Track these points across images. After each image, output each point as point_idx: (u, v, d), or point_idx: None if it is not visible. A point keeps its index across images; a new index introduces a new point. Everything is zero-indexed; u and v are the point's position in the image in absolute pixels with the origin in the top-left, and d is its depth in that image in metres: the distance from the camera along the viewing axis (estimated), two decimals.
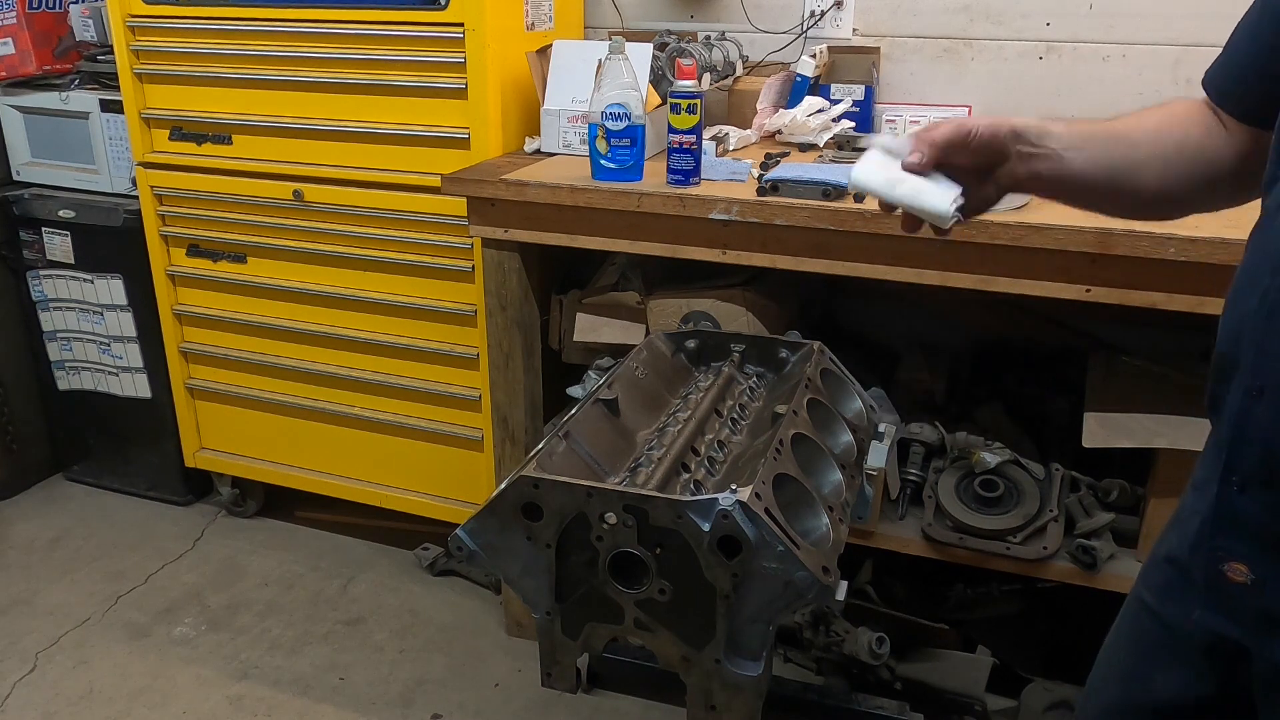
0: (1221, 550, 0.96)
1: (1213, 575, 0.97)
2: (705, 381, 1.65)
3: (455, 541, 1.25)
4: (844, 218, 1.75)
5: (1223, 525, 0.96)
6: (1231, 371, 0.95)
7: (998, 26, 2.31)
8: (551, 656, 1.30)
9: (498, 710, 2.19)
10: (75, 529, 2.87)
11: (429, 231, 2.31)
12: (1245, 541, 0.94)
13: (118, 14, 2.41)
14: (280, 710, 2.20)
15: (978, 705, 2.06)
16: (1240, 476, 0.94)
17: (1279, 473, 0.90)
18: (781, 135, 2.22)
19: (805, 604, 1.16)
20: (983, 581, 2.20)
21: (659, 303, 2.10)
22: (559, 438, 1.33)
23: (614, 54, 1.86)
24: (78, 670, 2.32)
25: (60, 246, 2.78)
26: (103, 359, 2.87)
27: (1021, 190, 1.10)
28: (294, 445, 2.68)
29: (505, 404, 2.19)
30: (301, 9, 2.25)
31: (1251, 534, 0.94)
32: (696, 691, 1.23)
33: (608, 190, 1.89)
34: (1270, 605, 0.91)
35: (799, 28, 2.44)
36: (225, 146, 2.47)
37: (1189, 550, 1.02)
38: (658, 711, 2.13)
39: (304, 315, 2.55)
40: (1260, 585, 0.93)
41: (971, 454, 1.98)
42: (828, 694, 2.05)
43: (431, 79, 2.19)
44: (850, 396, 1.62)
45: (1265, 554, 0.93)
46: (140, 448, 2.95)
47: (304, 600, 2.55)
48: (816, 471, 1.37)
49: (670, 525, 1.15)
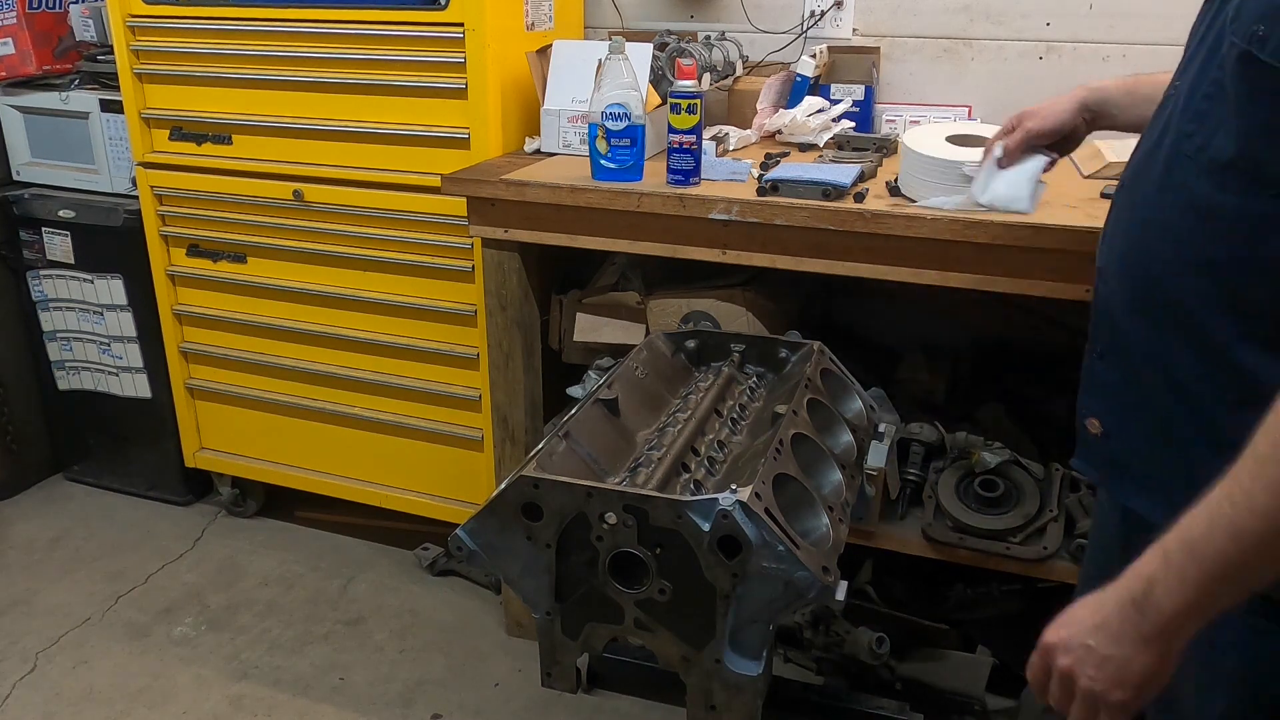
0: (1084, 408, 1.18)
1: (1081, 430, 1.19)
2: (705, 382, 1.65)
3: (455, 541, 1.25)
4: (844, 218, 1.75)
5: (1086, 387, 1.19)
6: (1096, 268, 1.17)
7: (998, 26, 2.31)
8: (551, 656, 1.30)
9: (498, 710, 2.19)
10: (75, 529, 2.87)
11: (429, 231, 2.31)
12: (1099, 399, 1.16)
13: (118, 14, 2.41)
14: (280, 710, 2.20)
15: (978, 705, 2.06)
16: (1099, 346, 1.15)
17: (1116, 337, 1.11)
18: (781, 135, 2.22)
19: (805, 604, 1.16)
20: (983, 581, 2.20)
21: (659, 303, 2.10)
22: (559, 438, 1.33)
23: (614, 54, 1.86)
24: (78, 670, 2.32)
25: (60, 246, 2.78)
26: (103, 359, 2.87)
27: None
28: (294, 445, 2.68)
29: (505, 404, 2.19)
30: (301, 9, 2.25)
31: (1102, 392, 1.15)
32: (696, 691, 1.23)
33: (608, 190, 1.89)
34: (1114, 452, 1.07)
35: (799, 28, 2.44)
36: (225, 146, 2.47)
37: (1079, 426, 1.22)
38: (658, 711, 2.13)
39: (304, 315, 2.55)
40: (1108, 436, 1.14)
41: (971, 454, 1.98)
42: (828, 694, 2.05)
43: (431, 79, 2.19)
44: (850, 396, 1.62)
45: (1112, 409, 1.14)
46: (140, 448, 2.95)
47: (304, 600, 2.55)
48: (816, 471, 1.37)
49: (670, 525, 1.15)
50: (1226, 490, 0.83)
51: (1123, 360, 1.11)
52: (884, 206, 1.75)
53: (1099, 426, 1.15)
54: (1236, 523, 0.81)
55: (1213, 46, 0.97)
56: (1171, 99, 1.05)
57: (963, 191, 1.69)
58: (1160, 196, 1.03)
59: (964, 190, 1.68)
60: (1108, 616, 0.90)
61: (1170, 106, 1.04)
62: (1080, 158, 2.06)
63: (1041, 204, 1.75)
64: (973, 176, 1.66)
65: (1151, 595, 0.86)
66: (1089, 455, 1.19)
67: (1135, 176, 1.09)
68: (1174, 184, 1.00)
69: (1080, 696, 0.92)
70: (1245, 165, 0.92)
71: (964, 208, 1.69)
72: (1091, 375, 1.17)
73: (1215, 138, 0.95)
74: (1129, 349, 1.09)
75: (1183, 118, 1.00)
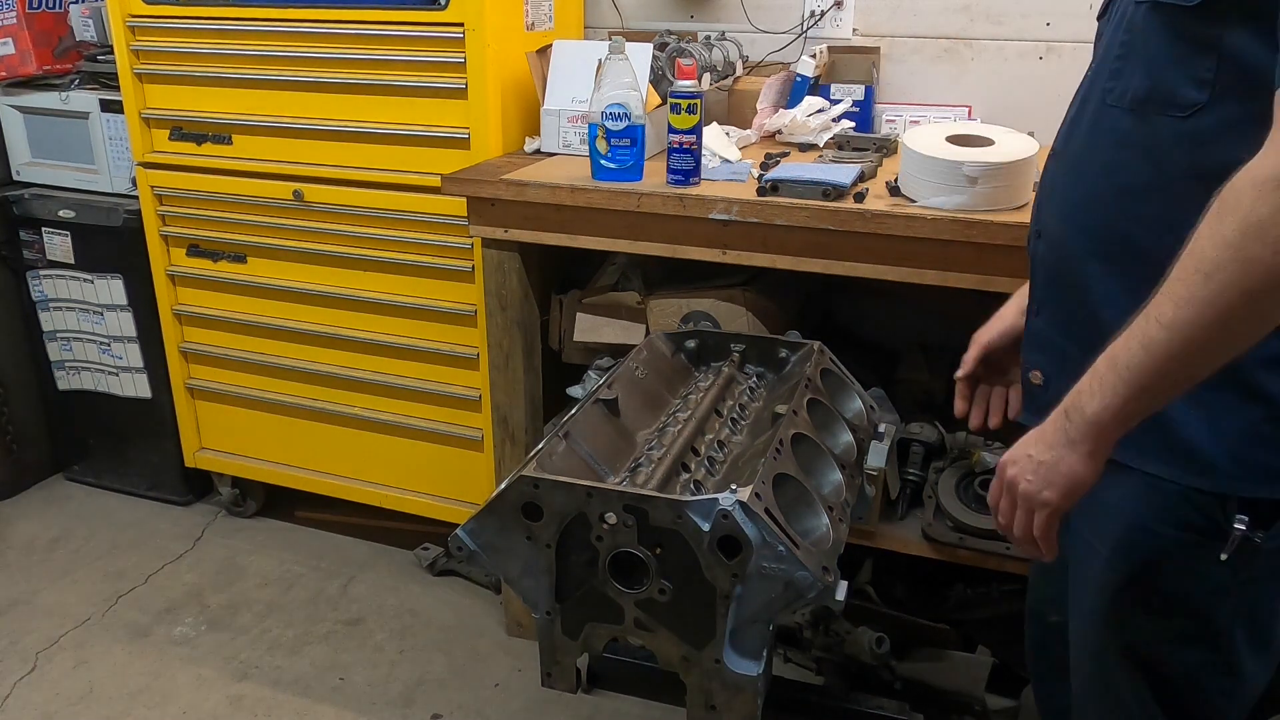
0: (1029, 363, 1.29)
1: (1026, 384, 1.29)
2: (705, 381, 1.66)
3: (455, 541, 1.25)
4: (844, 218, 1.75)
5: (1029, 343, 1.30)
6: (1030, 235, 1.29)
7: (998, 26, 2.31)
8: (551, 656, 1.30)
9: (498, 710, 2.19)
10: (75, 529, 2.87)
11: (429, 231, 2.31)
12: (1038, 352, 1.27)
13: (118, 14, 2.42)
14: (280, 710, 2.20)
15: (978, 705, 2.06)
16: (1036, 302, 1.27)
17: (1053, 289, 1.23)
18: (781, 135, 2.22)
19: (805, 604, 1.16)
20: (983, 581, 2.20)
21: (659, 303, 2.10)
22: (559, 438, 1.34)
23: (614, 54, 1.86)
24: (78, 670, 2.32)
25: (60, 246, 2.78)
26: (103, 359, 2.87)
27: None
28: (294, 445, 2.68)
29: (505, 404, 2.19)
30: (301, 9, 2.25)
31: (1043, 345, 1.26)
32: (696, 691, 1.23)
33: (608, 190, 1.89)
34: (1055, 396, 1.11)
35: (799, 28, 2.44)
36: (225, 146, 2.47)
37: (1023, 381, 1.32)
38: (658, 711, 2.13)
39: (304, 315, 2.55)
40: (1048, 383, 1.24)
41: (971, 454, 1.98)
42: (828, 694, 2.05)
43: (431, 79, 2.19)
44: (850, 396, 1.62)
45: (1050, 359, 1.24)
46: (140, 448, 2.95)
47: (304, 600, 2.55)
48: (816, 471, 1.37)
49: (670, 525, 1.15)
50: (1144, 309, 0.97)
51: (1059, 309, 1.23)
52: (884, 206, 1.75)
53: (1040, 376, 1.26)
54: (1149, 334, 0.95)
55: (1118, 22, 1.14)
56: (1087, 79, 1.22)
57: (963, 191, 1.69)
58: (1092, 145, 1.16)
59: (964, 190, 1.69)
60: (1044, 429, 1.07)
61: (1087, 84, 1.22)
62: None
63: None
64: (974, 177, 1.65)
65: (1078, 403, 1.03)
66: (1033, 405, 1.27)
67: (1065, 143, 1.22)
68: (1103, 130, 1.15)
69: (1019, 499, 1.10)
70: (1160, 94, 1.07)
71: (964, 208, 1.69)
72: (1031, 333, 1.29)
73: (1132, 82, 1.10)
74: (1065, 297, 1.21)
75: (1104, 79, 1.15)
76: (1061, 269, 1.21)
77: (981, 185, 1.69)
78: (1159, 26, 1.07)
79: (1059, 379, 1.18)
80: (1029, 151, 1.74)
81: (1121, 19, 1.14)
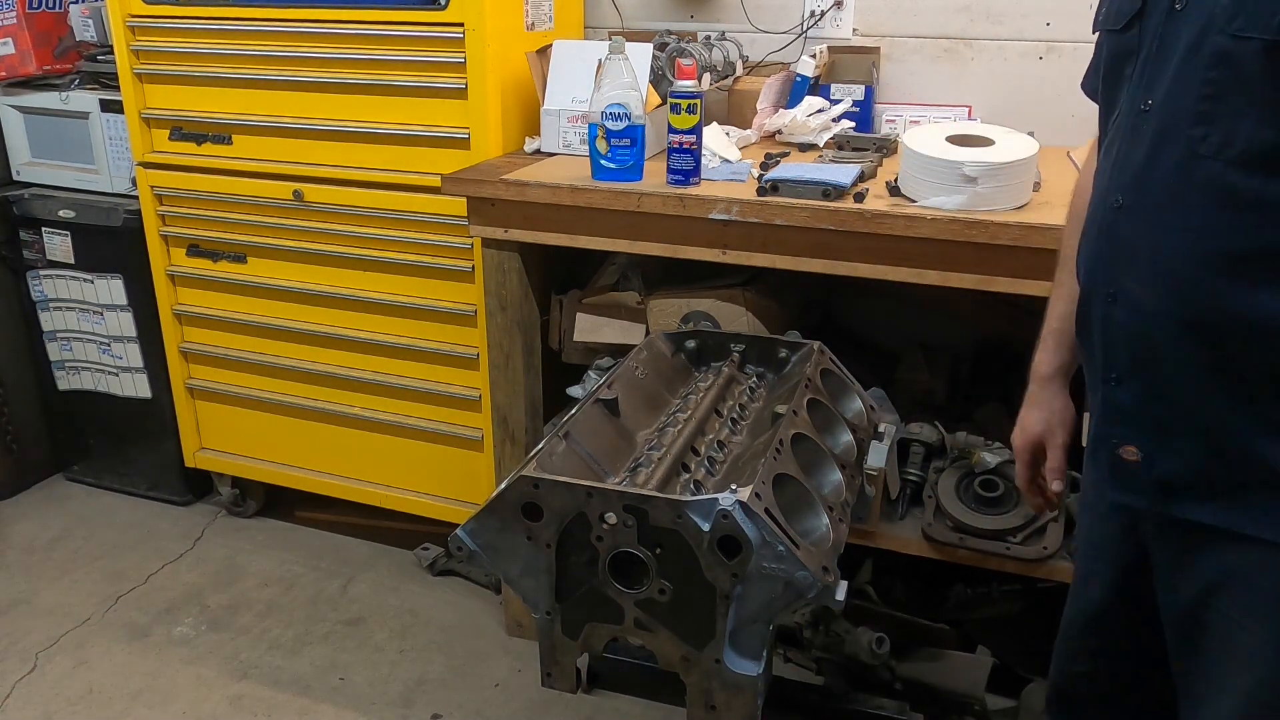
0: (1115, 439, 1.17)
1: (1114, 460, 1.18)
2: (705, 382, 1.66)
3: (455, 541, 1.25)
4: (844, 218, 1.75)
5: (1110, 416, 1.18)
6: (1090, 293, 1.17)
7: (998, 26, 2.31)
8: (551, 656, 1.30)
9: (498, 710, 2.19)
10: (75, 529, 2.87)
11: (429, 231, 2.31)
12: (1130, 426, 1.15)
13: (118, 14, 2.41)
14: (280, 710, 2.20)
15: (978, 705, 2.05)
16: (1116, 373, 1.15)
17: (1141, 361, 1.11)
18: (781, 135, 2.22)
19: (805, 604, 1.16)
20: (983, 581, 2.20)
21: (659, 303, 2.10)
22: (559, 438, 1.34)
23: (614, 54, 1.86)
24: (78, 670, 2.32)
25: (60, 246, 2.78)
26: (103, 359, 2.87)
27: None
28: (294, 445, 2.68)
29: (505, 404, 2.19)
30: (301, 9, 2.25)
31: (1134, 418, 1.14)
32: (696, 691, 1.23)
33: (608, 190, 1.89)
34: (1160, 474, 1.09)
35: (799, 28, 2.44)
36: (225, 146, 2.47)
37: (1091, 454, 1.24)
38: (658, 711, 2.13)
39: (304, 315, 2.55)
40: (1150, 460, 1.13)
41: (971, 454, 1.98)
42: (828, 694, 2.05)
43: (431, 79, 2.19)
44: (850, 396, 1.62)
45: (1147, 434, 1.13)
46: (140, 448, 2.94)
47: (304, 600, 2.55)
48: (816, 471, 1.37)
49: (670, 525, 1.15)
50: None
51: (1150, 381, 1.11)
52: (884, 206, 1.75)
53: (1136, 453, 1.14)
54: None
55: (1186, 54, 1.02)
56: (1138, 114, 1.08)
57: (963, 191, 1.69)
58: (1182, 203, 1.04)
59: (964, 190, 1.69)
60: None
61: (1149, 124, 1.07)
62: (1080, 158, 2.06)
63: (1041, 204, 1.76)
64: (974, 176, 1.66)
65: None
66: (1130, 483, 1.17)
67: (1136, 195, 1.09)
68: (1196, 185, 1.02)
69: None
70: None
71: (964, 208, 1.69)
72: (1112, 403, 1.16)
73: (1240, 131, 0.98)
74: (1158, 368, 1.09)
75: (1186, 124, 1.02)
76: (1152, 339, 1.10)
77: (981, 185, 1.69)
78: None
79: (1161, 455, 1.12)
80: (1029, 151, 1.74)
81: (1193, 50, 1.02)
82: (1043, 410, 1.38)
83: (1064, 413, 1.37)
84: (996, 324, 2.31)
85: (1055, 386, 1.37)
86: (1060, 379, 1.37)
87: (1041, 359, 1.38)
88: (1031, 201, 1.76)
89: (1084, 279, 1.19)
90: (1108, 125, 1.18)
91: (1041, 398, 1.38)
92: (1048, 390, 1.38)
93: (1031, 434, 1.38)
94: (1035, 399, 1.39)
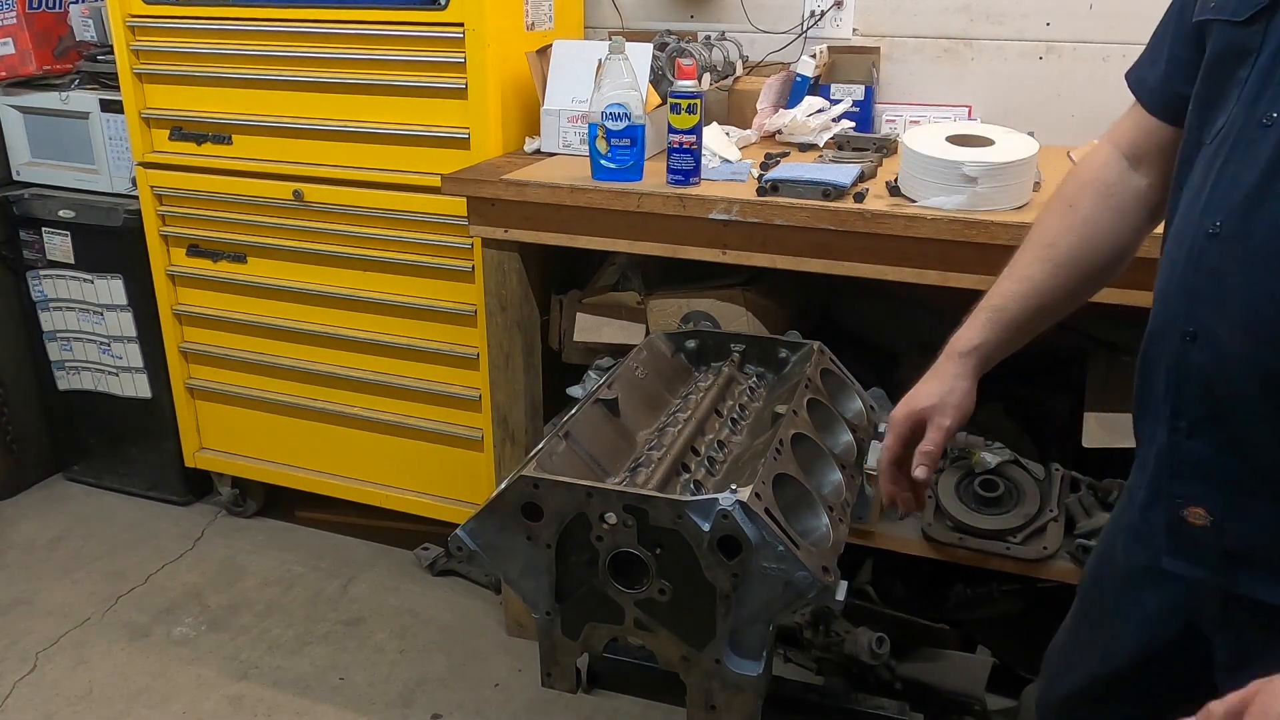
0: (1179, 498, 1.01)
1: (1174, 523, 1.02)
2: (705, 381, 1.65)
3: (455, 541, 1.25)
4: (844, 218, 1.75)
5: (1177, 473, 1.02)
6: (1163, 330, 1.02)
7: (998, 26, 2.31)
8: (551, 656, 1.30)
9: (498, 710, 2.19)
10: (75, 529, 2.87)
11: (429, 231, 2.31)
12: (1200, 484, 0.99)
13: (118, 14, 2.41)
14: (280, 710, 2.20)
15: (978, 705, 2.05)
16: (1187, 422, 0.99)
17: (1220, 412, 0.96)
18: (781, 135, 2.22)
19: (805, 604, 1.16)
20: (983, 581, 2.20)
21: (659, 303, 2.10)
22: (559, 438, 1.33)
23: (614, 54, 1.86)
24: (78, 670, 2.32)
25: (60, 246, 2.78)
26: (103, 359, 2.87)
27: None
28: (294, 445, 2.68)
29: (505, 404, 2.19)
30: (301, 9, 2.25)
31: (1205, 476, 0.99)
32: (696, 691, 1.23)
33: (608, 190, 1.89)
34: (1231, 543, 0.95)
35: (799, 28, 2.44)
36: (225, 146, 2.47)
37: (1141, 511, 1.09)
38: (658, 711, 2.13)
39: (304, 315, 2.55)
40: (1220, 526, 0.98)
41: (971, 454, 1.98)
42: (828, 694, 2.05)
43: (431, 79, 2.19)
44: (850, 396, 1.62)
45: (1219, 494, 0.98)
46: (140, 448, 2.94)
47: (304, 600, 2.55)
48: (816, 471, 1.37)
49: (670, 525, 1.15)
50: None
51: (1232, 438, 0.97)
52: (884, 206, 1.75)
53: (1204, 516, 1.00)
54: None
55: None
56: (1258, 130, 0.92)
57: (963, 191, 1.69)
58: None
59: (964, 190, 1.69)
60: None
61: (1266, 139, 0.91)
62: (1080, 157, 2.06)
63: (1041, 204, 1.76)
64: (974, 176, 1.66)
65: None
66: (1191, 550, 1.02)
67: (1241, 224, 0.93)
68: None
69: None
70: None
71: (964, 208, 1.69)
72: (1179, 456, 1.01)
73: None
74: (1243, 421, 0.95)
75: None
76: (1235, 389, 0.95)
77: (981, 185, 1.69)
78: None
79: (1232, 520, 0.98)
80: (1029, 151, 1.74)
81: None
82: (942, 384, 1.22)
83: (963, 396, 1.21)
84: None
85: (966, 366, 1.22)
86: (975, 360, 1.22)
87: (965, 333, 1.23)
88: (1031, 201, 1.76)
89: (1157, 311, 1.04)
90: (1204, 132, 1.01)
91: (946, 371, 1.22)
92: (956, 366, 1.22)
93: (918, 406, 1.22)
94: (939, 371, 1.23)
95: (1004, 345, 1.22)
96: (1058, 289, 1.20)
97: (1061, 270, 1.19)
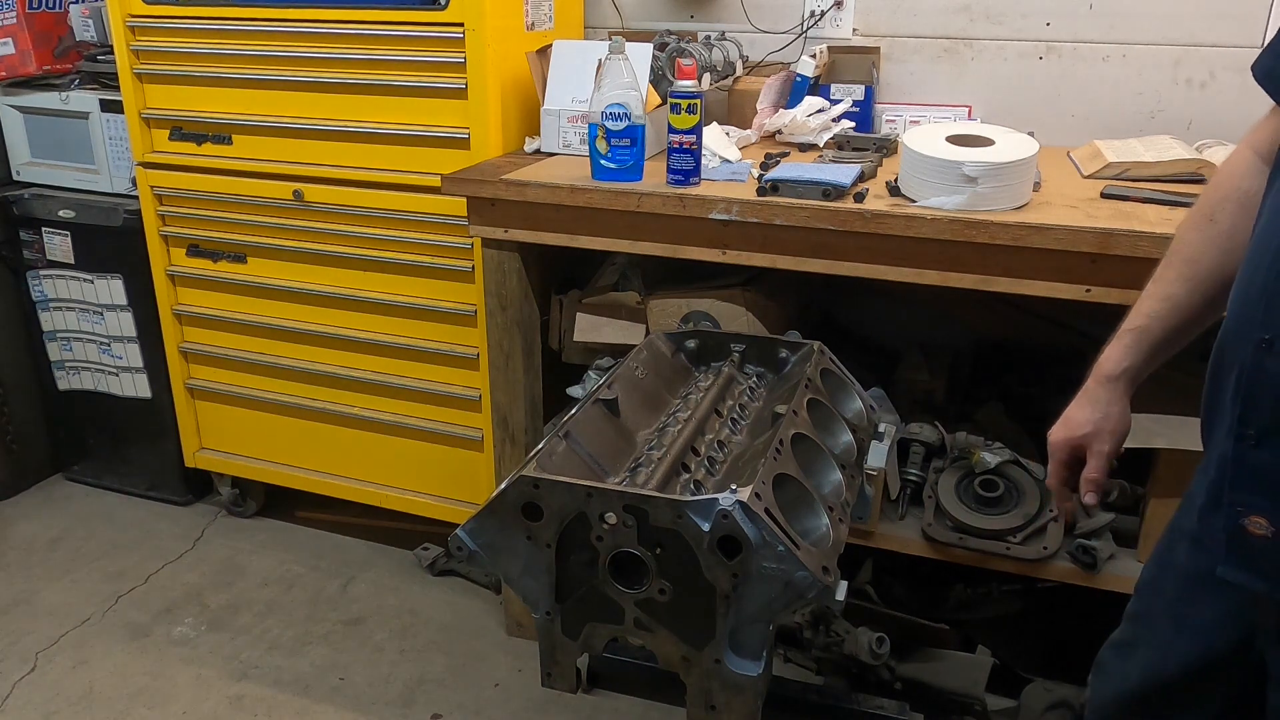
0: (1241, 506, 0.99)
1: (1234, 531, 1.00)
2: (705, 381, 1.66)
3: (455, 541, 1.25)
4: (844, 218, 1.75)
5: (1241, 481, 0.99)
6: (1238, 335, 1.00)
7: (998, 26, 2.31)
8: (551, 656, 1.30)
9: (498, 710, 2.19)
10: (75, 529, 2.87)
11: (429, 231, 2.31)
12: (1264, 494, 0.97)
13: (118, 14, 2.41)
14: (280, 710, 2.20)
15: (978, 705, 2.06)
16: (1256, 430, 0.97)
17: None
18: (781, 135, 2.22)
19: (805, 604, 1.16)
20: (983, 581, 2.20)
21: (659, 303, 2.10)
22: (559, 438, 1.34)
23: (614, 54, 1.86)
24: (78, 670, 2.32)
25: (60, 246, 2.78)
26: (103, 359, 2.87)
27: None
28: (294, 445, 2.68)
29: (505, 404, 2.19)
30: (301, 9, 2.25)
31: (1269, 486, 0.96)
32: (696, 691, 1.23)
33: (608, 190, 1.89)
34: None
35: (799, 28, 2.44)
36: (225, 146, 2.47)
37: (1200, 517, 1.07)
38: (658, 711, 2.13)
39: (304, 315, 2.55)
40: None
41: (971, 454, 1.98)
42: (828, 694, 2.05)
43: (431, 79, 2.19)
44: (850, 396, 1.62)
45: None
46: (140, 448, 2.95)
47: (304, 600, 2.55)
48: (816, 471, 1.37)
49: (670, 525, 1.15)
50: None
51: None
52: (884, 206, 1.75)
53: (1266, 526, 0.97)
54: None
55: None
56: None
57: (963, 191, 1.69)
58: None
59: (964, 190, 1.69)
60: None
61: None
62: (1080, 158, 2.06)
63: (1041, 204, 1.76)
64: (974, 176, 1.66)
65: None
66: (1251, 561, 1.00)
67: None
68: None
69: None
70: None
71: (964, 208, 1.69)
72: (1248, 467, 0.99)
73: None
74: None
75: None
76: None
77: (981, 185, 1.69)
78: None
79: None
80: (1029, 151, 1.74)
81: None
82: (1095, 411, 1.22)
83: (1119, 420, 1.21)
84: (996, 324, 2.31)
85: (1118, 389, 1.21)
86: (1126, 382, 1.21)
87: (1111, 354, 1.22)
88: (1031, 201, 1.76)
89: (1233, 314, 1.03)
90: None
91: (1098, 396, 1.22)
92: (1108, 390, 1.21)
93: (1075, 434, 1.23)
94: (1091, 396, 1.23)
95: (1149, 364, 1.22)
96: (1201, 305, 1.17)
97: (1204, 286, 1.16)
